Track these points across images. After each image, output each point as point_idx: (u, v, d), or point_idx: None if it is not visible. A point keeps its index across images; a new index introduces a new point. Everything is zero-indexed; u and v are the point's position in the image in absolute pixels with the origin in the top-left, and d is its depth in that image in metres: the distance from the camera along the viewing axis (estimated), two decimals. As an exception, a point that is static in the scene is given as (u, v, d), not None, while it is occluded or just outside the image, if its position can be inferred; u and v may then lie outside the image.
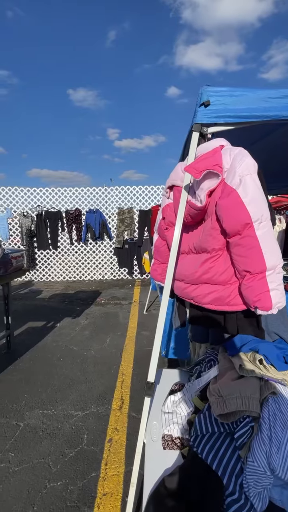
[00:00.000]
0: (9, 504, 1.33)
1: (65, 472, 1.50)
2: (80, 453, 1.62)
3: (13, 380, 2.39)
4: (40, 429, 1.81)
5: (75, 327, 3.63)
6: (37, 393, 2.20)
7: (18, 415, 1.94)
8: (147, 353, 2.85)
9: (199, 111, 0.99)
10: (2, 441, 1.71)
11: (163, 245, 1.27)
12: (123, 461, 1.56)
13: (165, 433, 0.86)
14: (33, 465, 1.54)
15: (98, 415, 1.94)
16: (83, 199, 6.37)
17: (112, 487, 1.41)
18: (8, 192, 6.21)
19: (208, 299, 0.91)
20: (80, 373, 2.50)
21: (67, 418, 1.91)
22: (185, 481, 0.69)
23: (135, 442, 1.68)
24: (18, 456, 1.60)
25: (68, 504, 1.33)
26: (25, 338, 3.27)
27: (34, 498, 1.36)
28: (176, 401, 0.93)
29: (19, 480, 1.45)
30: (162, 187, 6.37)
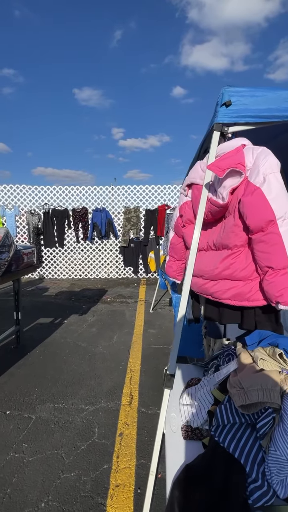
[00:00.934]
0: (24, 492, 1.36)
1: (78, 464, 1.53)
2: (91, 446, 1.65)
3: (23, 374, 2.43)
4: (52, 422, 1.84)
5: (83, 324, 3.67)
6: (48, 387, 2.23)
7: (30, 408, 1.98)
8: (155, 350, 2.88)
9: (220, 111, 1.01)
10: (15, 432, 1.75)
11: (179, 242, 1.30)
12: (134, 455, 1.59)
13: (185, 424, 0.88)
14: (47, 456, 1.58)
15: (108, 409, 1.97)
16: (89, 197, 6.42)
17: (124, 479, 1.44)
18: (16, 190, 6.27)
19: (228, 295, 0.94)
20: (89, 368, 2.53)
21: (78, 412, 1.94)
22: (208, 469, 0.71)
23: (146, 436, 1.72)
24: (32, 447, 1.63)
25: (82, 494, 1.36)
26: (33, 334, 3.31)
27: (49, 487, 1.39)
28: (194, 393, 0.95)
29: (33, 470, 1.49)
30: (168, 187, 6.39)
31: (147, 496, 0.92)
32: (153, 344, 3.05)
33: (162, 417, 0.90)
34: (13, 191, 6.28)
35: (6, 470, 1.48)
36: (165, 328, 3.51)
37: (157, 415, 1.89)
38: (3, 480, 1.43)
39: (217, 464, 0.71)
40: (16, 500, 1.33)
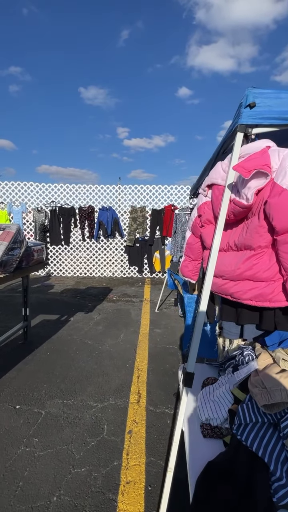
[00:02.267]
0: (36, 486, 1.38)
1: (88, 460, 1.54)
2: (101, 442, 1.66)
3: (31, 370, 2.44)
4: (61, 418, 1.86)
5: (89, 321, 3.69)
6: (56, 383, 2.25)
7: (39, 403, 2.00)
8: (161, 350, 2.89)
9: (244, 112, 1.02)
10: (26, 426, 1.77)
11: (196, 242, 1.30)
12: (144, 452, 1.60)
13: (204, 423, 0.89)
14: (57, 451, 1.59)
15: (117, 407, 1.98)
16: (96, 196, 6.44)
17: (135, 476, 1.45)
18: (24, 187, 6.31)
19: (249, 295, 0.94)
20: (96, 366, 2.54)
21: (86, 409, 1.95)
22: (231, 467, 0.72)
23: (155, 435, 1.73)
24: (42, 442, 1.65)
25: (93, 489, 1.37)
26: (40, 330, 3.33)
27: (60, 482, 1.40)
28: (212, 392, 0.96)
29: (44, 464, 1.50)
30: (175, 187, 6.39)
31: (164, 493, 0.93)
32: (160, 343, 3.05)
33: (181, 414, 0.91)
34: (21, 188, 6.31)
35: (17, 464, 1.50)
36: (171, 328, 3.52)
37: (165, 414, 1.91)
38: (15, 473, 1.45)
39: (241, 462, 0.72)
40: (29, 493, 1.34)
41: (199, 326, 0.93)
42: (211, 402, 0.91)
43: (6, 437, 1.68)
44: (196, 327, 0.94)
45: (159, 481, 1.43)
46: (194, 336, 0.94)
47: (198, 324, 0.93)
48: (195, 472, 0.74)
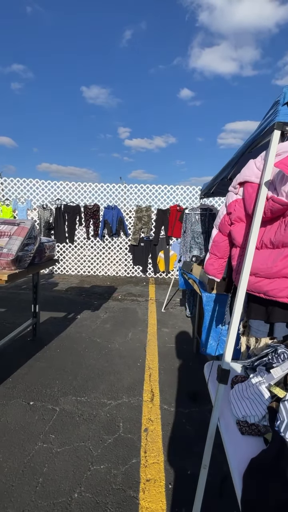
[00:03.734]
0: (57, 482, 1.37)
1: (107, 457, 1.53)
2: (118, 440, 1.65)
3: (43, 366, 2.43)
4: (76, 415, 1.85)
5: (96, 320, 3.68)
6: (68, 380, 2.24)
7: (52, 400, 1.99)
8: (171, 349, 2.89)
9: (282, 110, 1.02)
10: (41, 423, 1.76)
11: (224, 240, 1.30)
12: (161, 450, 1.60)
13: (240, 420, 0.89)
14: (74, 447, 1.58)
15: (131, 405, 1.97)
16: (102, 195, 6.43)
17: (154, 474, 1.44)
18: (29, 184, 6.29)
19: (285, 293, 0.94)
20: (107, 364, 2.54)
21: (100, 406, 1.94)
22: (277, 464, 0.72)
23: (171, 433, 1.72)
24: (59, 438, 1.64)
25: (114, 487, 1.36)
26: (48, 328, 3.32)
27: (80, 479, 1.40)
28: (245, 390, 0.96)
29: (63, 461, 1.49)
30: (181, 187, 6.40)
31: (198, 490, 0.93)
32: (168, 343, 3.05)
33: (216, 412, 0.91)
34: (26, 185, 6.29)
35: (36, 460, 1.49)
36: (178, 328, 3.52)
37: (180, 413, 1.90)
38: (34, 469, 1.44)
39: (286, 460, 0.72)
40: (49, 489, 1.33)
41: (235, 325, 0.93)
42: (246, 399, 0.91)
43: (22, 433, 1.67)
44: (233, 326, 0.93)
45: (179, 479, 1.43)
46: (230, 334, 0.93)
47: (234, 322, 0.93)
48: (239, 470, 0.74)
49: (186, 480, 1.42)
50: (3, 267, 2.06)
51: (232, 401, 0.96)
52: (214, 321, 1.81)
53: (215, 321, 1.81)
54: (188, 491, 1.36)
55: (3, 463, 1.46)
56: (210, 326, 1.80)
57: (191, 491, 1.36)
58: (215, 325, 1.81)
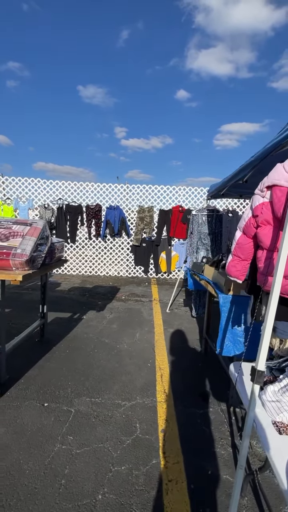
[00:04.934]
0: (79, 484, 1.36)
1: (127, 458, 1.53)
2: (136, 441, 1.65)
3: (53, 367, 2.42)
4: (92, 416, 1.84)
5: (102, 320, 3.67)
6: (80, 381, 2.23)
7: (67, 401, 1.98)
8: (179, 350, 2.90)
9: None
10: (58, 424, 1.75)
11: (248, 242, 1.31)
12: (180, 451, 1.60)
13: (277, 420, 0.90)
14: (94, 449, 1.58)
15: (145, 406, 1.98)
16: (104, 195, 6.42)
17: (176, 475, 1.45)
18: (31, 183, 6.25)
19: None
20: (117, 365, 2.53)
21: (115, 407, 1.94)
22: None
23: (188, 434, 1.73)
24: (77, 440, 1.63)
25: (137, 487, 1.37)
26: (55, 328, 3.30)
27: (102, 480, 1.39)
28: (279, 390, 0.97)
29: (83, 462, 1.49)
30: (183, 188, 6.42)
31: (236, 489, 0.93)
32: (176, 343, 3.06)
33: (251, 412, 0.92)
34: (28, 184, 6.25)
35: (56, 461, 1.49)
36: (185, 328, 3.53)
37: (195, 414, 1.91)
38: (55, 471, 1.43)
39: None
40: (72, 491, 1.33)
41: (269, 326, 0.94)
42: (281, 399, 0.92)
43: (40, 435, 1.66)
44: (267, 328, 0.94)
45: (200, 479, 1.43)
46: (265, 335, 0.94)
47: (268, 323, 0.94)
48: (283, 468, 0.75)
49: (207, 480, 1.43)
50: (17, 268, 2.04)
51: (266, 401, 0.97)
52: (230, 322, 1.82)
53: (231, 322, 1.82)
54: (211, 491, 1.37)
55: (23, 465, 1.45)
56: (226, 327, 1.82)
57: (214, 492, 1.37)
58: (231, 326, 1.82)
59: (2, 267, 2.03)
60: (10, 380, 2.17)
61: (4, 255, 2.01)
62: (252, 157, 1.73)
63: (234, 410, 1.98)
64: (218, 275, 2.04)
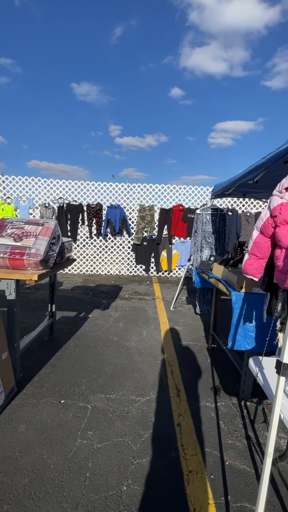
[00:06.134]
0: (104, 476, 1.41)
1: (146, 451, 1.58)
2: (154, 435, 1.70)
3: (65, 365, 2.45)
4: (109, 412, 1.89)
5: (108, 318, 3.71)
6: (94, 378, 2.27)
7: (82, 398, 2.02)
8: (187, 346, 2.96)
9: None
10: (76, 420, 1.79)
11: (266, 241, 1.37)
12: (197, 443, 1.66)
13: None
14: (114, 443, 1.62)
15: (159, 401, 2.03)
16: (104, 194, 6.43)
17: (195, 466, 1.50)
18: (31, 183, 6.22)
19: None
20: (128, 362, 2.58)
21: (130, 403, 1.99)
22: None
23: (203, 427, 1.79)
24: (97, 434, 1.68)
25: (159, 478, 1.42)
26: (62, 327, 3.33)
27: (125, 472, 1.44)
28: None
29: (105, 456, 1.53)
30: (184, 187, 6.46)
31: (264, 478, 0.99)
32: (183, 340, 3.12)
33: (277, 405, 0.97)
34: (28, 183, 6.22)
35: (79, 456, 1.53)
36: (190, 325, 3.59)
37: (208, 408, 1.97)
38: (79, 464, 1.47)
39: None
40: (98, 483, 1.37)
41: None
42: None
43: (60, 430, 1.69)
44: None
45: (219, 470, 1.49)
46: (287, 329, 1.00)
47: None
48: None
49: (226, 470, 1.49)
50: (31, 267, 2.06)
51: (290, 393, 1.02)
52: (242, 318, 1.88)
53: (243, 318, 1.88)
54: (230, 480, 1.43)
55: (47, 459, 1.49)
56: (238, 323, 1.87)
57: (233, 481, 1.43)
58: (243, 323, 1.88)
59: (16, 266, 2.05)
60: (24, 378, 2.20)
61: (18, 255, 2.03)
62: (263, 158, 1.78)
63: (245, 403, 2.04)
64: (228, 273, 2.10)
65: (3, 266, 2.06)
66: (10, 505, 1.25)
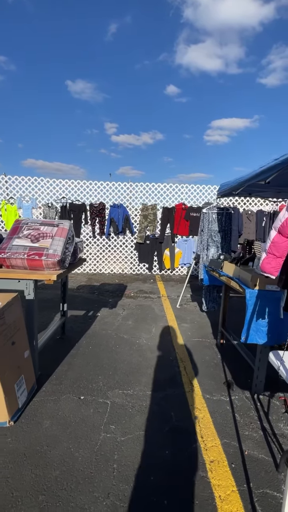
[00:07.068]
0: (131, 467, 1.47)
1: (168, 443, 1.65)
2: (174, 428, 1.77)
3: (81, 363, 2.51)
4: (128, 407, 1.95)
5: (116, 317, 3.76)
6: (109, 375, 2.33)
7: (101, 394, 2.08)
8: (196, 343, 3.03)
9: None
10: (98, 415, 1.85)
11: (284, 241, 1.43)
12: (216, 435, 1.73)
13: None
14: (136, 436, 1.69)
15: (175, 396, 2.09)
16: (107, 193, 6.46)
17: (216, 456, 1.57)
18: (34, 183, 6.23)
19: None
20: (141, 359, 2.64)
21: (148, 398, 2.05)
22: None
23: (220, 419, 1.86)
24: (119, 428, 1.74)
25: (183, 469, 1.48)
26: (72, 325, 3.38)
27: (150, 463, 1.50)
28: None
29: (130, 448, 1.59)
30: (186, 186, 6.52)
31: None
32: (192, 337, 3.18)
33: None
34: (31, 183, 6.23)
35: (104, 448, 1.59)
36: (197, 322, 3.66)
37: (222, 401, 2.04)
38: (105, 456, 1.53)
39: None
40: (126, 474, 1.44)
41: None
42: None
43: (84, 425, 1.75)
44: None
45: (239, 459, 1.56)
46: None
47: None
48: None
49: (246, 460, 1.56)
50: (49, 268, 2.11)
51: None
52: (255, 314, 1.95)
53: (256, 314, 1.95)
54: (251, 469, 1.50)
55: (75, 453, 1.55)
56: (251, 319, 1.94)
57: (253, 469, 1.50)
58: (256, 318, 1.95)
59: (34, 267, 2.10)
60: (42, 376, 2.25)
61: (36, 255, 2.08)
62: (276, 159, 1.84)
63: (258, 397, 2.11)
64: (241, 271, 2.16)
65: (21, 266, 2.10)
66: (45, 495, 1.30)
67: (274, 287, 1.87)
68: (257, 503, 1.32)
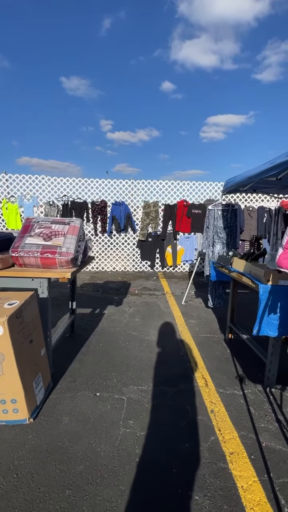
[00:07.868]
0: (152, 461, 1.49)
1: (187, 436, 1.67)
2: (191, 422, 1.80)
3: (93, 360, 2.52)
4: (144, 402, 1.97)
5: (123, 314, 3.78)
6: (122, 372, 2.35)
7: (116, 390, 2.09)
8: (205, 339, 3.06)
9: None
10: (115, 411, 1.87)
11: (301, 236, 1.45)
12: (233, 428, 1.76)
13: None
14: (155, 431, 1.71)
15: (190, 391, 2.12)
16: (109, 191, 6.44)
17: (235, 447, 1.60)
18: (35, 181, 6.19)
19: None
20: (152, 355, 2.66)
21: (163, 393, 2.07)
22: None
23: (235, 413, 1.89)
24: (138, 424, 1.76)
25: (204, 461, 1.51)
26: (80, 323, 3.39)
27: (171, 456, 1.53)
28: None
29: (150, 443, 1.62)
30: (187, 183, 6.52)
31: None
32: (200, 333, 3.21)
33: None
34: (32, 181, 6.19)
35: (125, 443, 1.61)
36: (203, 318, 3.69)
37: (236, 395, 2.08)
38: (127, 451, 1.55)
39: None
40: (147, 466, 1.46)
41: None
42: None
43: (103, 421, 1.77)
44: None
45: (258, 451, 1.59)
46: None
47: None
48: None
49: (264, 451, 1.59)
50: (62, 266, 2.11)
51: None
52: (268, 308, 1.97)
53: (268, 308, 1.98)
54: (270, 460, 1.53)
55: (96, 448, 1.57)
56: (264, 313, 1.97)
57: (273, 460, 1.53)
58: (268, 312, 1.98)
59: (47, 265, 2.10)
60: (56, 373, 2.26)
61: (50, 253, 2.08)
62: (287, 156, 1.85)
63: (270, 390, 2.15)
64: (252, 267, 2.19)
65: (35, 265, 2.10)
66: (71, 490, 1.32)
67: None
68: (278, 492, 1.35)
